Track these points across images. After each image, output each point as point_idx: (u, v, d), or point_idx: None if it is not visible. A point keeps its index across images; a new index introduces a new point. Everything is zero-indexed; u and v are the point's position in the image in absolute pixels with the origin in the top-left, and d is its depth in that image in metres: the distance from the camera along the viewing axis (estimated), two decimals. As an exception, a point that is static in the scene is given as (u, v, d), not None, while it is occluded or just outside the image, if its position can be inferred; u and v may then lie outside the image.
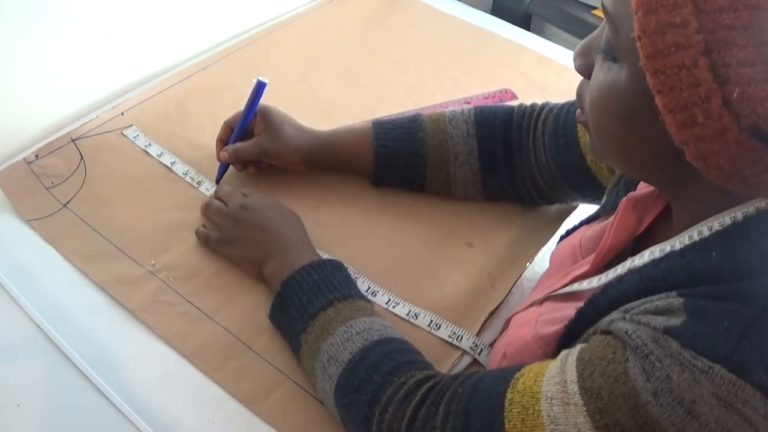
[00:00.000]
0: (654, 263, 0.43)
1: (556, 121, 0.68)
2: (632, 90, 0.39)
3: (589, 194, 0.71)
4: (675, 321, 0.37)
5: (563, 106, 0.69)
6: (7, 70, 0.76)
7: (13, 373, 0.60)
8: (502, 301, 0.69)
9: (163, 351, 0.63)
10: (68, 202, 0.74)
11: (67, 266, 0.68)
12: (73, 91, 0.84)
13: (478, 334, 0.66)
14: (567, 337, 0.47)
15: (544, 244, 0.75)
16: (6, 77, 0.76)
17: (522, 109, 0.73)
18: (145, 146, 0.80)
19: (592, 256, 0.53)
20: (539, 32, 1.23)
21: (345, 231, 0.75)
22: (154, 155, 0.79)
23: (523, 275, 0.72)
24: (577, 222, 0.64)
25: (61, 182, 0.76)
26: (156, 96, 0.88)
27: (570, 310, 0.48)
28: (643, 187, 0.52)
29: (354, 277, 0.69)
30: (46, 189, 0.75)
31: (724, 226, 0.41)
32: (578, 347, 0.42)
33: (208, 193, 0.76)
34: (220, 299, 0.67)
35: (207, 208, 0.72)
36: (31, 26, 0.75)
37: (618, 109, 0.41)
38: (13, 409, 0.57)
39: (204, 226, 0.72)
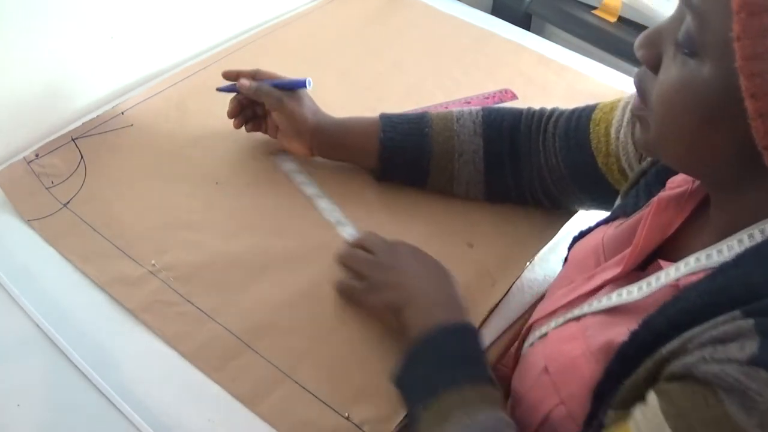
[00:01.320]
0: (709, 278, 0.41)
1: (568, 124, 0.68)
2: (714, 88, 0.38)
3: (599, 197, 0.70)
4: (752, 347, 0.35)
5: (574, 110, 0.70)
6: (8, 69, 0.76)
7: (13, 373, 0.60)
8: (501, 300, 0.69)
9: (163, 351, 0.63)
10: (68, 202, 0.74)
11: (67, 266, 0.68)
12: (73, 91, 0.84)
13: (479, 330, 0.66)
14: (620, 361, 0.44)
15: (545, 244, 0.75)
16: (6, 77, 0.76)
17: (531, 112, 0.73)
18: (295, 176, 0.78)
19: (620, 257, 0.52)
20: (539, 32, 1.23)
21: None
22: (297, 182, 0.77)
23: (522, 275, 0.72)
24: (582, 222, 0.64)
25: (61, 182, 0.76)
26: (156, 96, 0.88)
27: (619, 327, 0.46)
28: (673, 187, 0.51)
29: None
30: (46, 189, 0.75)
31: None
32: (652, 403, 0.39)
33: (348, 237, 0.72)
34: (220, 299, 0.67)
35: (351, 258, 0.67)
36: (32, 26, 0.75)
37: (694, 106, 0.40)
38: (13, 409, 0.58)
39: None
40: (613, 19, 1.19)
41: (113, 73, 0.89)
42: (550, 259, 0.75)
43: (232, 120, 0.79)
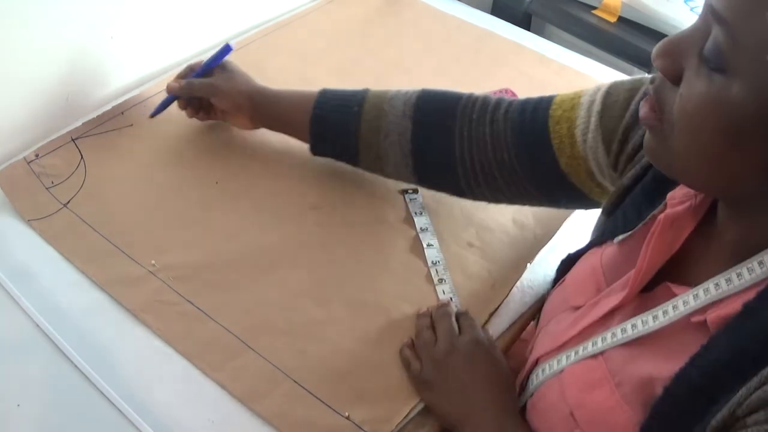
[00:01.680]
0: (737, 323, 0.40)
1: (522, 117, 0.65)
2: (744, 109, 0.36)
3: (559, 199, 0.68)
4: None
5: (527, 102, 0.66)
6: (7, 70, 0.76)
7: (13, 373, 0.60)
8: (501, 302, 0.69)
9: (163, 351, 0.63)
10: (68, 202, 0.74)
11: (67, 266, 0.68)
12: (73, 91, 0.84)
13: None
14: (657, 417, 0.42)
15: (545, 244, 0.75)
16: (6, 77, 0.76)
17: (473, 99, 0.69)
18: (415, 212, 0.77)
19: (624, 280, 0.50)
20: (539, 32, 1.23)
21: (345, 230, 0.75)
22: (418, 227, 0.75)
23: (522, 276, 0.72)
24: (575, 236, 0.63)
25: (61, 182, 0.76)
26: (156, 96, 0.88)
27: (643, 361, 0.45)
28: (675, 204, 0.49)
29: (350, 277, 0.69)
30: (46, 188, 0.75)
31: None
32: None
33: (443, 297, 0.69)
34: (220, 299, 0.67)
35: (418, 336, 0.64)
36: (31, 26, 0.75)
37: (721, 125, 0.38)
38: (13, 409, 0.57)
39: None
40: (613, 19, 1.19)
41: (113, 73, 0.89)
42: (549, 260, 0.75)
43: (198, 117, 0.82)
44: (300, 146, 0.81)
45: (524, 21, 1.31)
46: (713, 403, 0.39)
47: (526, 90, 0.96)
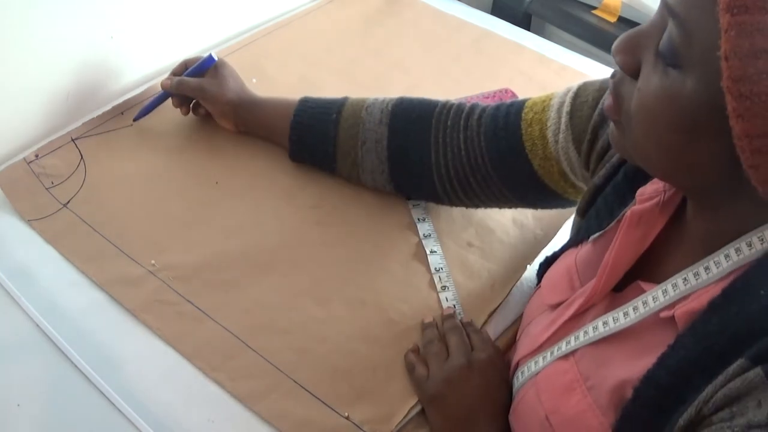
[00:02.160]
0: (704, 319, 0.40)
1: (495, 122, 0.65)
2: (697, 103, 0.37)
3: (534, 201, 0.68)
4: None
5: (499, 107, 0.66)
6: (7, 69, 0.76)
7: (13, 373, 0.60)
8: (501, 303, 0.69)
9: (162, 350, 0.63)
10: (68, 202, 0.74)
11: (67, 266, 0.68)
12: (73, 91, 0.84)
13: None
14: (628, 420, 0.43)
15: (545, 245, 0.75)
16: (6, 77, 0.76)
17: (448, 105, 0.70)
18: (418, 219, 0.76)
19: (594, 280, 0.50)
20: (539, 32, 1.23)
21: (345, 230, 0.75)
22: (421, 234, 0.74)
23: (522, 276, 0.72)
24: (558, 245, 0.62)
25: (61, 182, 0.76)
26: (156, 96, 0.88)
27: (613, 362, 0.45)
28: (643, 200, 0.49)
29: (350, 276, 0.69)
30: (46, 189, 0.75)
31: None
32: None
33: (446, 304, 0.68)
34: (220, 298, 0.67)
35: (426, 345, 0.63)
36: (31, 26, 0.75)
37: (676, 119, 0.38)
38: (13, 409, 0.58)
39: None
40: (613, 19, 1.19)
41: (113, 73, 0.89)
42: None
43: (182, 111, 0.84)
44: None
45: (524, 21, 1.31)
46: (681, 402, 0.39)
47: (526, 90, 0.96)
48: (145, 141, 0.82)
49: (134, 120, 0.83)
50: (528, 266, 0.73)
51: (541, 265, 0.64)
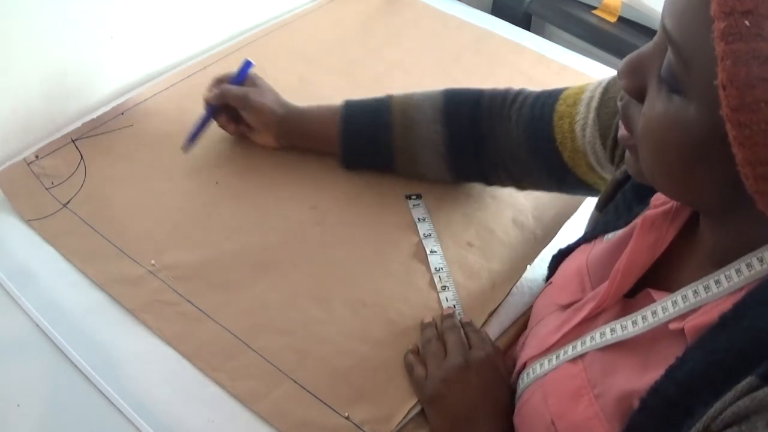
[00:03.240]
0: (713, 334, 0.39)
1: (532, 113, 0.67)
2: (702, 129, 0.36)
3: (568, 188, 0.70)
4: None
5: (539, 96, 0.68)
6: (7, 70, 0.76)
7: (13, 373, 0.60)
8: (501, 303, 0.69)
9: (163, 350, 0.63)
10: (68, 202, 0.74)
11: (67, 266, 0.68)
12: (73, 91, 0.84)
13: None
14: (634, 428, 0.42)
15: (545, 245, 0.75)
16: (6, 77, 0.76)
17: (494, 95, 0.71)
18: (418, 219, 0.76)
19: (606, 284, 0.50)
20: (539, 32, 1.22)
21: (345, 230, 0.75)
22: (422, 233, 0.74)
23: (523, 277, 0.72)
24: (571, 232, 0.63)
25: (61, 182, 0.76)
26: (156, 96, 0.88)
27: (621, 369, 0.45)
28: (658, 204, 0.49)
29: (350, 277, 0.69)
30: (46, 189, 0.75)
31: None
32: None
33: (446, 304, 0.68)
34: (220, 298, 0.67)
35: (424, 345, 0.63)
36: (31, 26, 0.75)
37: (681, 144, 0.38)
38: (13, 409, 0.58)
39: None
40: (613, 19, 1.19)
41: (113, 73, 0.89)
42: (549, 260, 0.75)
43: (228, 128, 0.81)
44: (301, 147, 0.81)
45: (524, 21, 1.31)
46: (689, 415, 0.39)
47: (526, 90, 0.96)
48: (145, 141, 0.82)
49: (183, 149, 0.79)
50: (528, 266, 0.73)
51: (554, 257, 0.64)
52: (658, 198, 0.49)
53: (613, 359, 0.47)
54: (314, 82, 0.95)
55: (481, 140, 0.71)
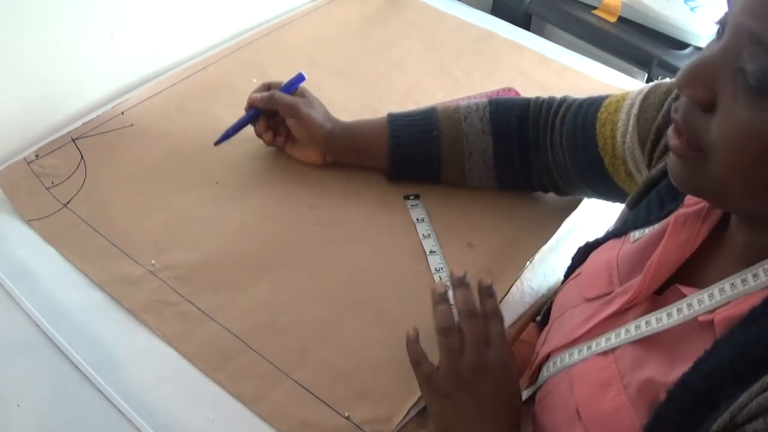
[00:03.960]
0: (742, 327, 0.40)
1: (575, 121, 0.68)
2: None
3: (604, 193, 0.71)
4: None
5: (581, 104, 0.69)
6: (7, 69, 0.76)
7: (13, 373, 0.60)
8: (501, 300, 0.69)
9: (163, 350, 0.63)
10: (68, 202, 0.74)
11: (67, 266, 0.68)
12: (73, 91, 0.84)
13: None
14: (659, 421, 0.42)
15: (544, 243, 0.75)
16: (6, 77, 0.76)
17: (539, 103, 0.72)
18: (417, 219, 0.76)
19: (637, 280, 0.49)
20: (539, 32, 1.22)
21: (345, 230, 0.75)
22: (420, 234, 0.74)
23: (522, 274, 0.72)
24: (584, 230, 0.63)
25: (61, 182, 0.76)
26: (156, 96, 0.88)
27: (651, 362, 0.45)
28: (691, 204, 0.49)
29: (350, 277, 0.69)
30: (46, 189, 0.75)
31: None
32: None
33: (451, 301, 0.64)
34: (220, 299, 0.67)
35: (441, 332, 0.55)
36: (31, 26, 0.75)
37: None
38: (13, 408, 0.58)
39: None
40: (613, 19, 1.19)
41: (113, 73, 0.89)
42: (549, 259, 0.75)
43: (265, 137, 0.79)
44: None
45: (524, 21, 1.31)
46: (715, 408, 0.39)
47: (526, 90, 0.96)
48: (145, 141, 0.82)
49: (215, 144, 0.78)
50: (528, 265, 0.73)
51: (580, 249, 0.63)
52: (691, 197, 0.49)
53: (643, 352, 0.47)
54: (314, 82, 0.95)
55: (528, 150, 0.72)
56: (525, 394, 0.58)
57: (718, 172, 0.40)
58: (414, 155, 0.75)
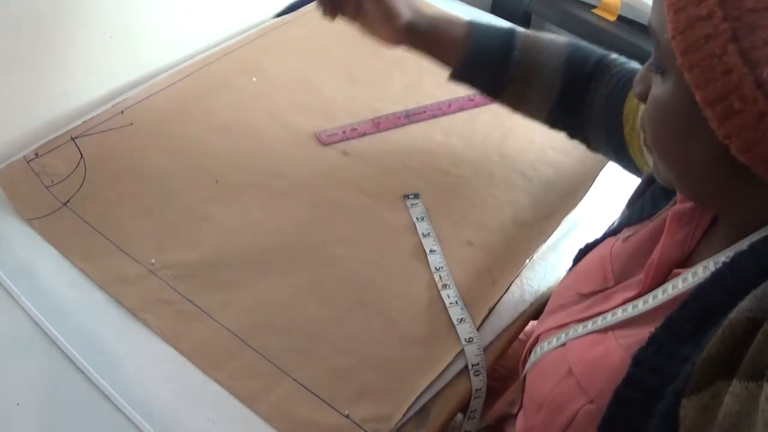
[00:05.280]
0: (726, 270, 0.42)
1: (618, 81, 0.69)
2: (679, 98, 0.40)
3: (623, 163, 0.72)
4: None
5: (633, 68, 0.70)
6: (7, 68, 0.76)
7: (13, 372, 0.60)
8: (500, 298, 0.69)
9: (162, 349, 0.63)
10: (68, 201, 0.74)
11: (67, 265, 0.68)
12: (73, 90, 0.84)
13: (478, 329, 0.66)
14: (654, 347, 0.44)
15: (543, 242, 0.75)
16: (6, 76, 0.76)
17: (608, 61, 0.72)
18: (416, 218, 0.77)
19: (638, 278, 0.51)
20: (539, 31, 1.22)
21: (345, 229, 0.75)
22: (420, 233, 0.75)
23: (522, 273, 0.72)
24: (585, 232, 0.63)
25: (60, 181, 0.76)
26: (156, 95, 0.88)
27: (646, 329, 0.46)
28: (684, 200, 0.50)
29: (350, 276, 0.69)
30: (46, 188, 0.75)
31: None
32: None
33: (447, 301, 0.69)
34: (220, 297, 0.67)
35: None
36: (31, 25, 0.75)
37: (669, 121, 0.41)
38: (13, 408, 0.58)
39: None
40: (612, 18, 1.19)
41: (113, 72, 0.89)
42: (549, 258, 0.75)
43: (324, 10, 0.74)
44: (301, 145, 0.81)
45: (524, 20, 1.31)
46: (698, 344, 0.41)
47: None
48: (145, 140, 0.82)
49: (277, 15, 0.75)
50: (528, 263, 0.73)
51: (580, 251, 0.64)
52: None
53: (638, 327, 0.48)
54: (314, 81, 0.95)
55: (585, 97, 0.72)
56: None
57: (653, 156, 0.45)
58: (487, 68, 0.74)
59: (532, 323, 0.71)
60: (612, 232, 0.60)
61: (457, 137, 0.88)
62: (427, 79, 0.98)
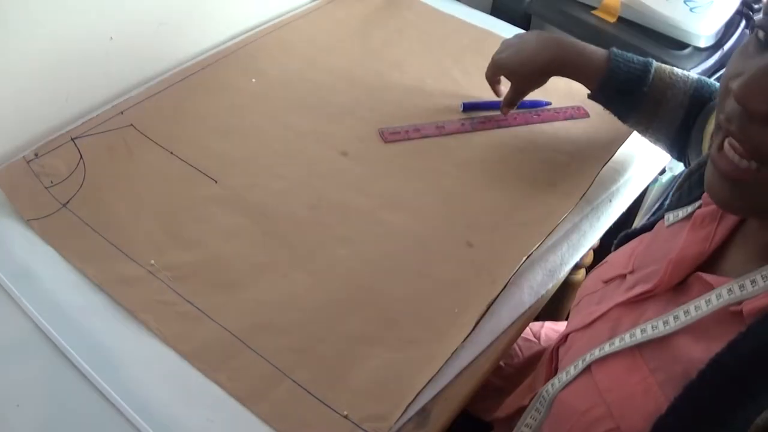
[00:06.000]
0: (760, 323, 0.40)
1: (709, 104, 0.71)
2: None
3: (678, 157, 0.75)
4: None
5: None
6: (7, 69, 0.76)
7: (13, 373, 0.60)
8: (498, 295, 0.69)
9: (162, 351, 0.63)
10: (67, 202, 0.74)
11: (67, 266, 0.68)
12: (73, 91, 0.84)
13: (477, 329, 0.66)
14: (690, 400, 0.42)
15: (542, 241, 0.75)
16: (5, 76, 0.76)
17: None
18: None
19: (654, 270, 0.50)
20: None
21: (344, 229, 0.75)
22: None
23: (521, 274, 0.72)
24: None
25: (60, 182, 0.76)
26: (156, 95, 0.88)
27: (680, 350, 0.45)
28: (708, 203, 0.50)
29: (350, 276, 0.69)
30: (46, 188, 0.75)
31: None
32: None
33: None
34: (219, 298, 0.67)
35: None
36: (31, 25, 0.75)
37: None
38: (13, 409, 0.57)
39: None
40: (612, 20, 1.19)
41: (112, 73, 0.89)
42: (549, 259, 0.75)
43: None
44: (301, 144, 0.80)
45: (524, 21, 1.31)
46: (752, 397, 0.39)
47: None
48: (145, 141, 0.82)
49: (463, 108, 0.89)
50: (524, 260, 0.73)
51: (620, 237, 0.65)
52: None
53: (670, 340, 0.47)
54: (314, 82, 0.95)
55: (700, 133, 0.73)
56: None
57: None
58: (621, 97, 0.78)
59: (532, 323, 0.71)
60: (649, 226, 0.60)
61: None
62: (427, 81, 0.98)
